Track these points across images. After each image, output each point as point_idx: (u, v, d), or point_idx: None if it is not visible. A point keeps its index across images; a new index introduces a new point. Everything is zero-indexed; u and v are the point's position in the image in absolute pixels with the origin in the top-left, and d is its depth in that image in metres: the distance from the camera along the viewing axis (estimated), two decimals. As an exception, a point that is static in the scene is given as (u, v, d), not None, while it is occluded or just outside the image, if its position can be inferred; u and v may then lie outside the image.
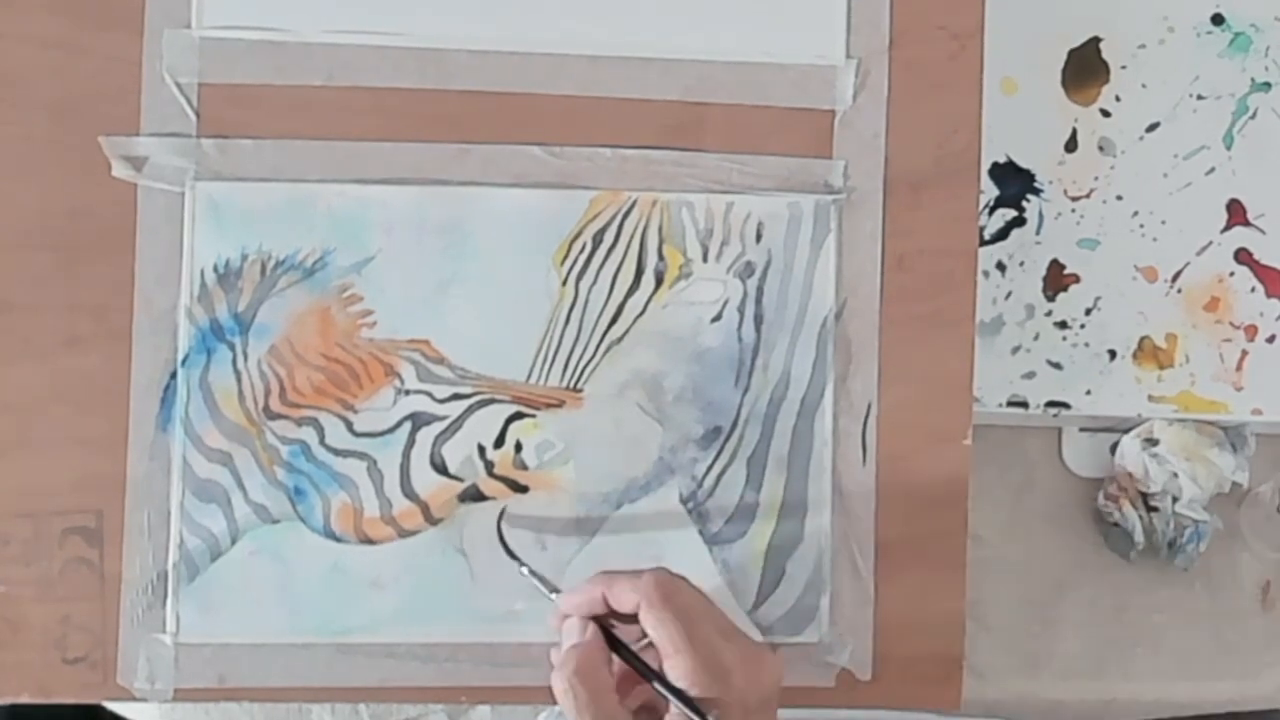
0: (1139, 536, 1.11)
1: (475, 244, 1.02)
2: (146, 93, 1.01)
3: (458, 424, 1.02)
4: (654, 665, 0.87)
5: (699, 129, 1.03)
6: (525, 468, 1.02)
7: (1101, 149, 1.16)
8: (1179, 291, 1.15)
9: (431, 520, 1.02)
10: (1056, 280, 1.15)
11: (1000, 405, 1.13)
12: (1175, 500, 1.11)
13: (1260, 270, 1.16)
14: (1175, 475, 1.10)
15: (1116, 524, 1.12)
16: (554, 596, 0.94)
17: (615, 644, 0.89)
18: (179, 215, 1.01)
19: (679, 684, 0.85)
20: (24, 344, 1.00)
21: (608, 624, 0.90)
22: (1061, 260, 1.15)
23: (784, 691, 1.01)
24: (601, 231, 1.03)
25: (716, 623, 0.88)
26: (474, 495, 1.02)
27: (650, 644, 0.87)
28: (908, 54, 1.04)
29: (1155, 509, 1.11)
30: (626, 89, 1.03)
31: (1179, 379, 1.15)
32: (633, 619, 0.88)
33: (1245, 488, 1.12)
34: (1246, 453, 1.12)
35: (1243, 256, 1.16)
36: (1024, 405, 1.13)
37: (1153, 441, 1.11)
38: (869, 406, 1.03)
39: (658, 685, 0.86)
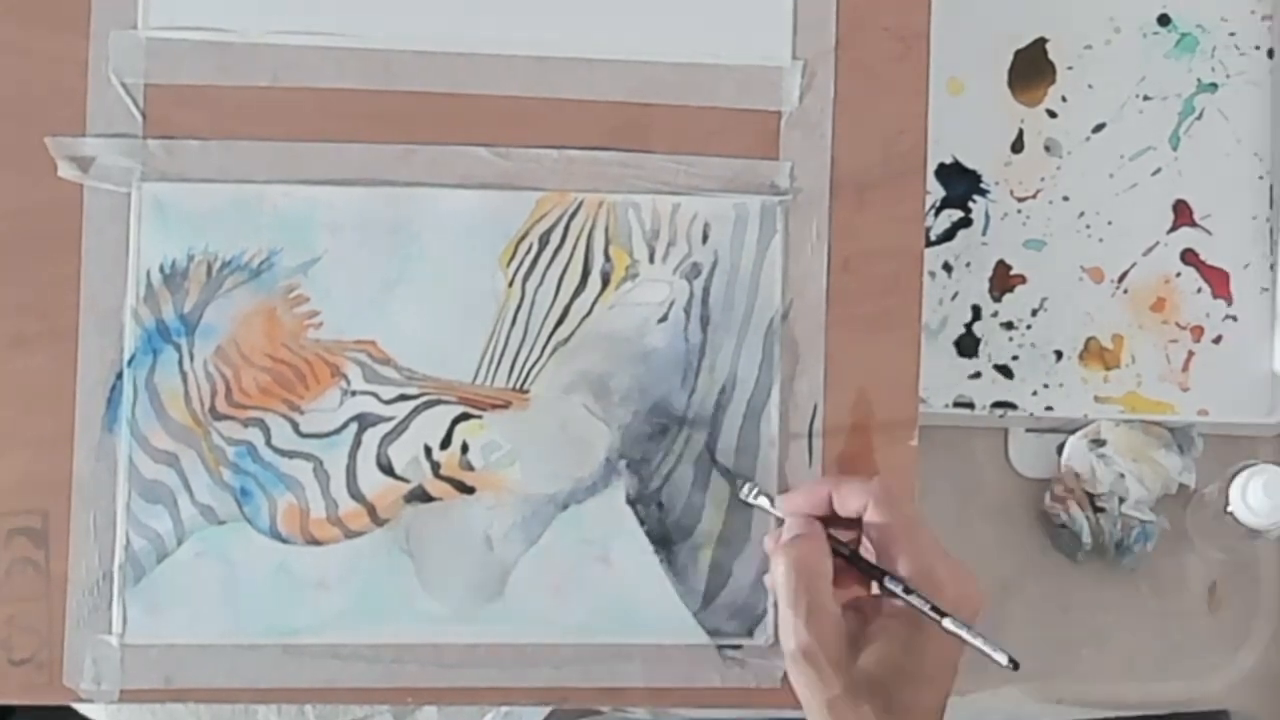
0: (1086, 538, 1.11)
1: (421, 245, 1.02)
2: (92, 93, 1.00)
3: (404, 425, 1.01)
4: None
5: (645, 130, 1.03)
6: (471, 469, 1.02)
7: (1048, 149, 1.16)
8: (1125, 292, 1.16)
9: (378, 521, 1.01)
10: (1003, 281, 1.15)
11: (946, 406, 1.13)
12: (1122, 501, 1.11)
13: (1206, 271, 1.16)
14: (1122, 476, 1.11)
15: (1064, 525, 1.12)
16: (776, 502, 0.97)
17: (835, 548, 0.92)
18: (125, 216, 1.01)
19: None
20: (-32, 345, 1.00)
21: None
22: (1008, 261, 1.15)
23: (730, 693, 1.03)
24: (548, 233, 1.03)
25: (932, 538, 0.91)
26: (420, 496, 1.02)
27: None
28: (854, 55, 1.04)
29: (1102, 510, 1.12)
30: (573, 90, 1.03)
31: (1125, 380, 1.15)
32: (849, 525, 0.91)
33: (1192, 489, 1.12)
34: (1193, 454, 1.12)
35: (1189, 257, 1.16)
36: (970, 406, 1.13)
37: (1099, 442, 1.11)
38: (815, 407, 1.04)
39: (889, 583, 0.89)
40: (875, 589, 0.91)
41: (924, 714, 0.88)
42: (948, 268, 1.15)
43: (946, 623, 0.87)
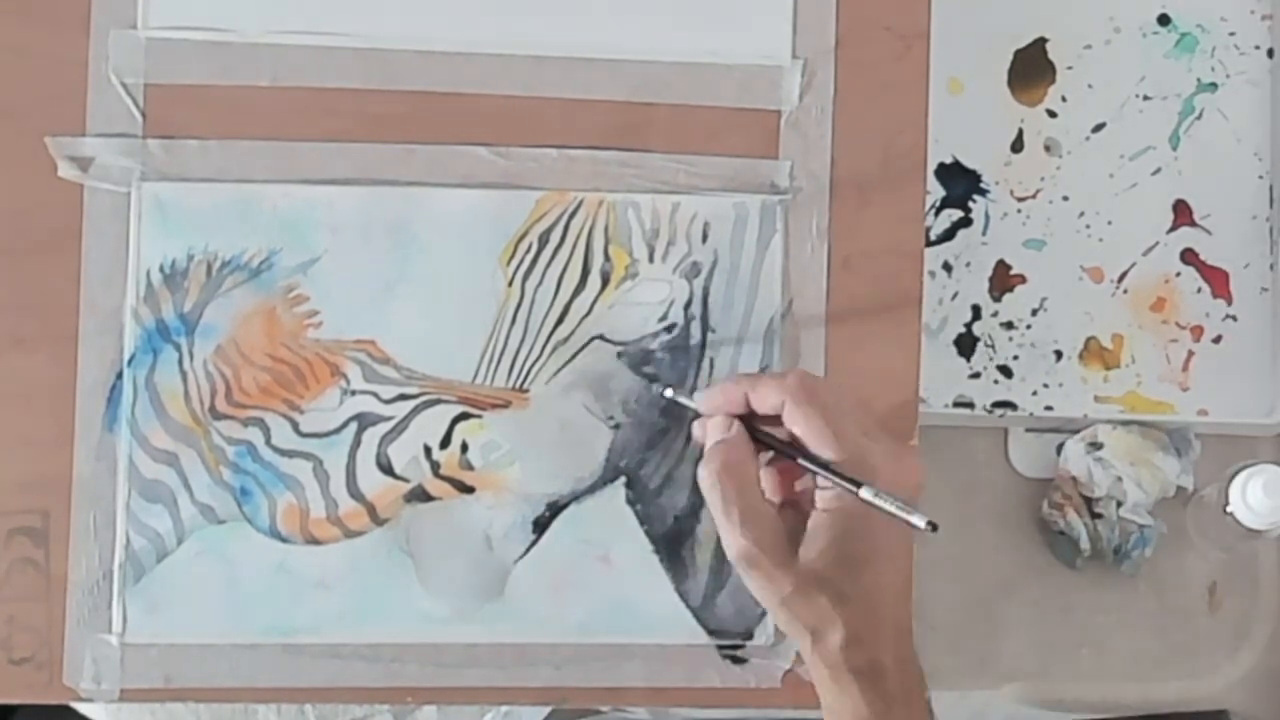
0: (1084, 544, 1.11)
1: (421, 244, 1.02)
2: (92, 93, 1.00)
3: (404, 424, 1.02)
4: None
5: (645, 129, 1.03)
6: (471, 468, 1.02)
7: (1048, 149, 1.16)
8: (1125, 292, 1.16)
9: (377, 521, 1.01)
10: (1003, 281, 1.15)
11: (946, 406, 1.13)
12: (1120, 505, 1.11)
13: (1206, 270, 1.16)
14: (1119, 480, 1.11)
15: (1061, 532, 1.12)
16: (693, 399, 0.95)
17: (757, 437, 0.90)
18: (125, 216, 1.01)
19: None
20: (-32, 345, 1.00)
21: (749, 422, 0.90)
22: (1008, 261, 1.15)
23: (730, 693, 1.02)
24: (548, 232, 1.03)
25: (860, 420, 0.89)
26: (420, 496, 1.02)
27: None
28: (854, 54, 1.04)
29: (1100, 515, 1.12)
30: (572, 89, 1.03)
31: (1125, 379, 1.15)
32: (772, 421, 0.89)
33: (1190, 490, 1.12)
34: (1191, 456, 1.12)
35: (1189, 257, 1.17)
36: (970, 406, 1.13)
37: (1096, 445, 1.11)
38: (815, 407, 1.04)
39: (805, 462, 0.87)
40: (808, 478, 0.90)
41: (884, 596, 0.88)
42: (948, 268, 1.15)
43: (863, 492, 0.85)
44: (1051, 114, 1.17)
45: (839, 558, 0.87)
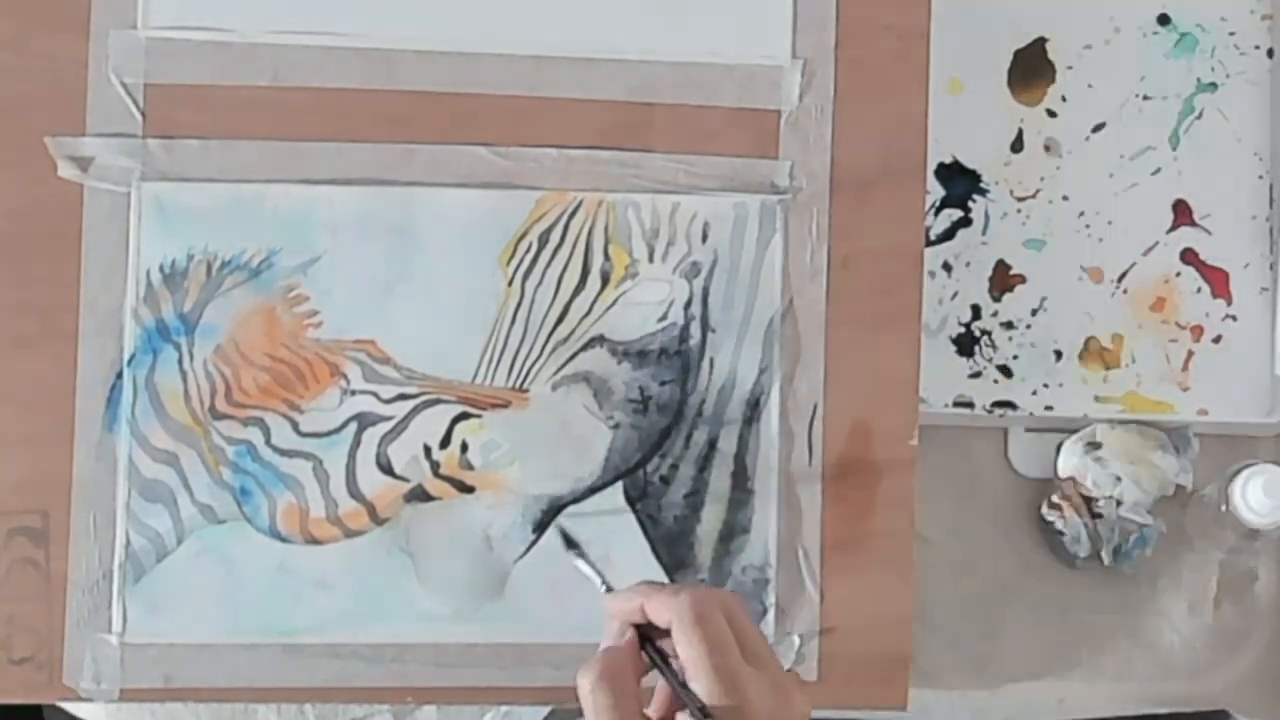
0: (1084, 544, 1.11)
1: (421, 244, 1.02)
2: (92, 93, 1.01)
3: (403, 424, 1.02)
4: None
5: (645, 129, 1.03)
6: (471, 468, 1.02)
7: (1047, 149, 1.16)
8: (1125, 292, 1.16)
9: (377, 520, 1.02)
10: (1003, 281, 1.15)
11: (946, 406, 1.13)
12: (1119, 504, 1.11)
13: (1206, 270, 1.16)
14: (1118, 479, 1.11)
15: (1060, 532, 1.12)
16: (603, 591, 0.92)
17: (650, 648, 0.87)
18: (125, 215, 1.01)
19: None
20: (-32, 345, 1.00)
21: (648, 632, 0.87)
22: (1008, 261, 1.15)
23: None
24: (548, 232, 1.03)
25: (751, 648, 0.85)
26: (420, 495, 1.02)
27: None
28: (854, 54, 1.05)
29: (1099, 515, 1.11)
30: (572, 89, 1.03)
31: (1125, 379, 1.15)
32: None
33: (1189, 489, 1.12)
34: (1189, 454, 1.12)
35: (1189, 257, 1.16)
36: (970, 406, 1.13)
37: (1094, 445, 1.11)
38: (815, 407, 1.04)
39: (678, 688, 0.84)
40: None
41: None
42: (948, 267, 1.15)
43: None
44: (1051, 114, 1.17)
45: None
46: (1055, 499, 1.12)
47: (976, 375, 1.14)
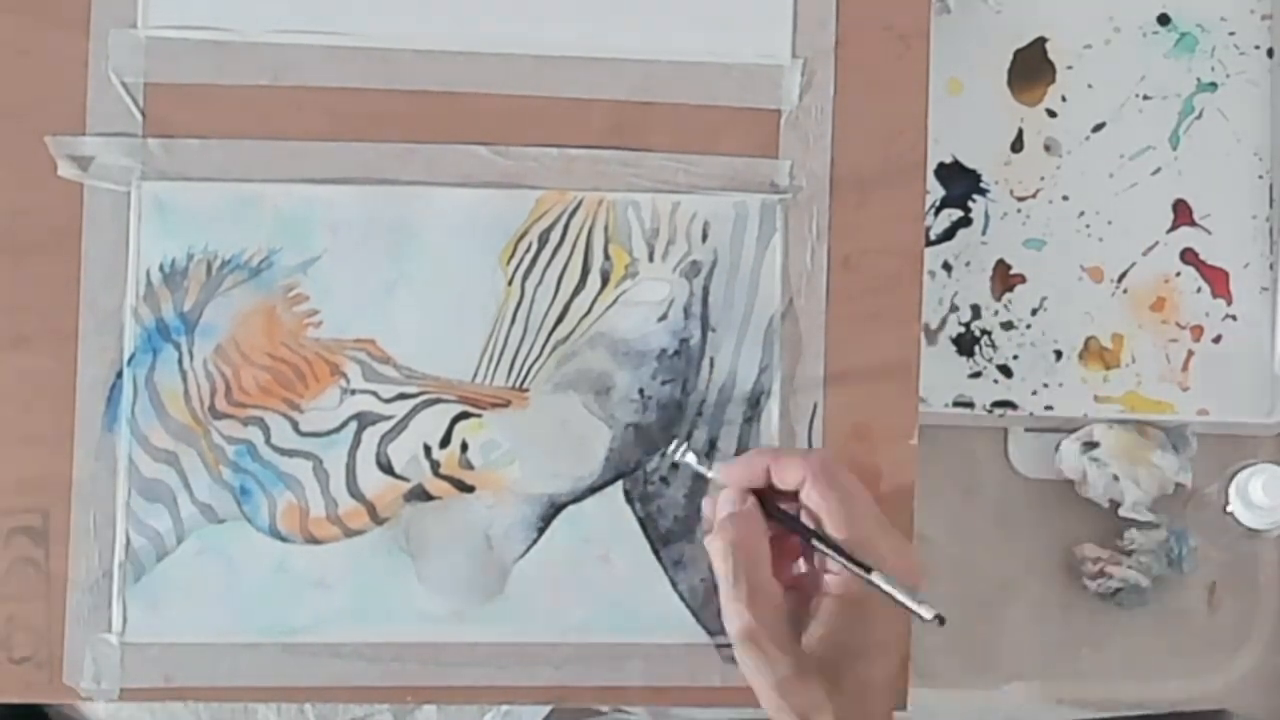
0: (1147, 577, 1.11)
1: (421, 244, 1.02)
2: (92, 92, 1.01)
3: (403, 424, 1.02)
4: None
5: (645, 129, 1.03)
6: (471, 467, 1.02)
7: (1047, 149, 1.16)
8: (1125, 292, 1.16)
9: (377, 520, 1.02)
10: (1003, 280, 1.15)
11: (946, 406, 1.13)
12: (1119, 505, 1.11)
13: (1206, 270, 1.16)
14: (1116, 479, 1.11)
15: (1119, 589, 1.12)
16: (712, 471, 0.95)
17: (771, 514, 0.91)
18: (125, 215, 1.01)
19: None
20: (-32, 344, 1.00)
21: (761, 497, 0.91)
22: (1008, 260, 1.15)
23: (730, 692, 1.02)
24: (548, 231, 1.03)
25: (874, 511, 0.91)
26: (420, 495, 1.02)
27: None
28: (854, 54, 1.04)
29: (1130, 551, 1.11)
30: (572, 89, 1.03)
31: (1125, 379, 1.15)
32: (789, 498, 0.90)
33: (1189, 488, 1.12)
34: (1189, 453, 1.12)
35: (1188, 257, 1.16)
36: (970, 405, 1.13)
37: (1092, 445, 1.11)
38: (815, 406, 1.04)
39: (819, 543, 0.88)
40: (817, 562, 0.91)
41: (876, 688, 0.89)
42: (948, 267, 1.15)
43: (875, 576, 0.86)
44: (1051, 114, 1.16)
45: (839, 646, 0.88)
46: (1091, 569, 1.12)
47: (976, 375, 1.14)
